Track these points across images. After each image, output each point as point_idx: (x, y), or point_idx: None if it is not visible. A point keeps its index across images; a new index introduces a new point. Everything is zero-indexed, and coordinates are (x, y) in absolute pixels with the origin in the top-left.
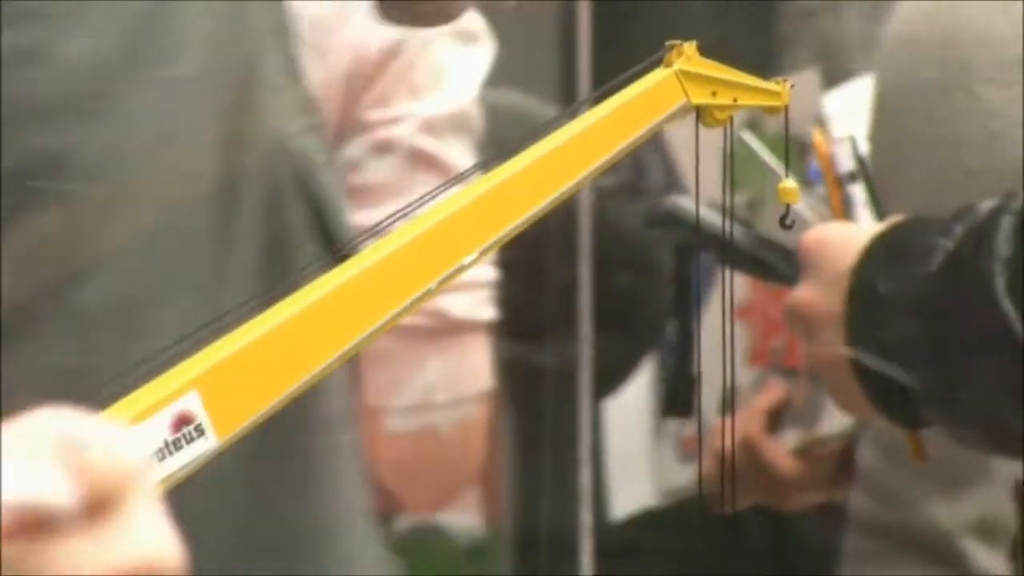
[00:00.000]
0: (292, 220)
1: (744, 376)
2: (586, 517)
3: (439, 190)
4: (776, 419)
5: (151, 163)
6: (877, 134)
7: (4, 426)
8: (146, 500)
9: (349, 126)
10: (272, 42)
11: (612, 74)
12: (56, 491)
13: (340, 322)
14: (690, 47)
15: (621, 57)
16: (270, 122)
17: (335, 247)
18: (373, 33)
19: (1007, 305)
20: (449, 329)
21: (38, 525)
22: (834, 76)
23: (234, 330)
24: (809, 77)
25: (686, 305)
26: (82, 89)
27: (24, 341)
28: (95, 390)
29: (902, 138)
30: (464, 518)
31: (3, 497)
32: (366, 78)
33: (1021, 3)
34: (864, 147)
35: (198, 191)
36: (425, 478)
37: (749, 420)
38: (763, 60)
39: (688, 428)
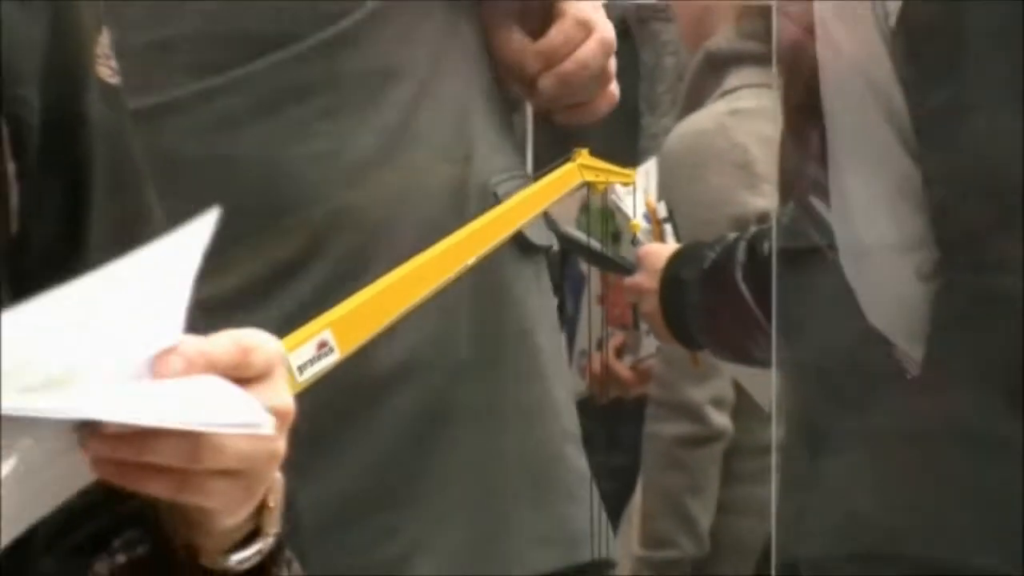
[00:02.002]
0: None
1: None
2: None
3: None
4: (620, 351)
5: (402, 216)
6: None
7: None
8: (284, 374)
9: None
10: (488, 120)
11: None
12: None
13: (398, 293)
14: (584, 152)
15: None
16: (482, 174)
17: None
18: None
19: (743, 287)
20: None
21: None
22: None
23: (343, 301)
24: (649, 166)
25: (564, 291)
26: (358, 170)
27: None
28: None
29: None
30: None
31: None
32: None
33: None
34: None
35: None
36: None
37: (608, 353)
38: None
39: (584, 359)
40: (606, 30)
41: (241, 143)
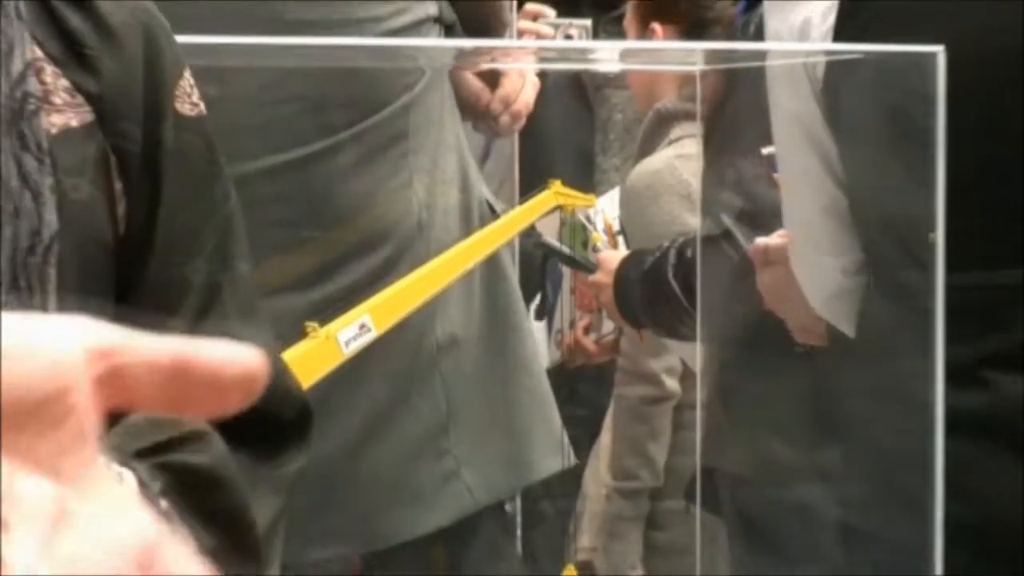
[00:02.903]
0: None
1: (574, 314)
2: None
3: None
4: (587, 329)
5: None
6: (623, 216)
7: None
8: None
9: None
10: (469, 156)
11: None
12: None
13: (418, 288)
14: (557, 182)
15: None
16: (477, 195)
17: None
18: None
19: (674, 284)
20: None
21: None
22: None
23: (378, 293)
24: (612, 194)
25: (546, 284)
26: (419, 195)
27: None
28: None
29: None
30: None
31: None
32: None
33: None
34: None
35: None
36: None
37: (577, 331)
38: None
39: (559, 335)
40: (533, 78)
41: (350, 180)
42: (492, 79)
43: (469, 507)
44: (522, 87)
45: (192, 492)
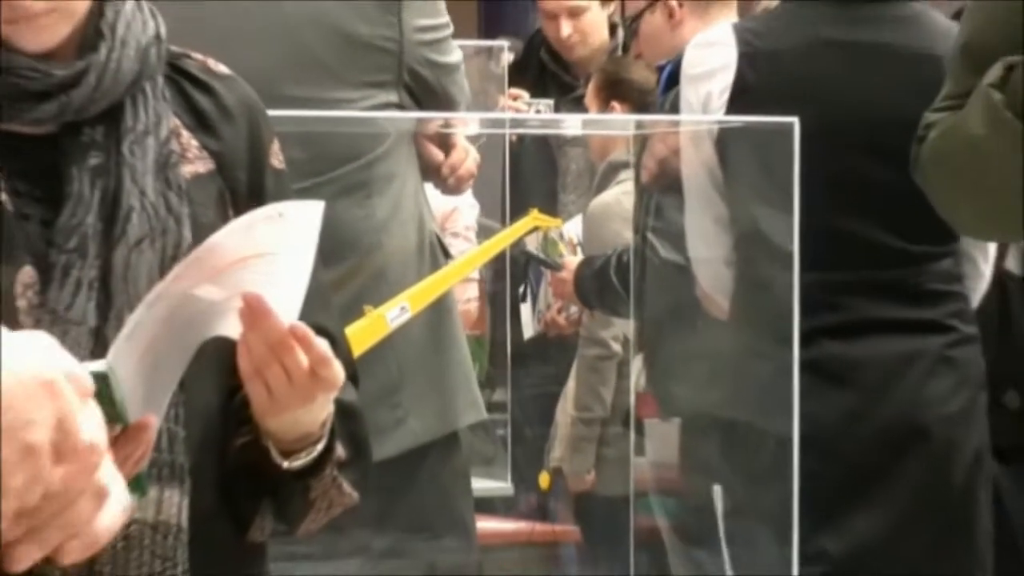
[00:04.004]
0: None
1: (549, 299)
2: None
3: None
4: (560, 310)
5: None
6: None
7: None
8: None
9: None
10: (425, 200)
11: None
12: None
13: (434, 285)
14: (535, 210)
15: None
16: (428, 232)
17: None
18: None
19: (615, 279)
20: None
21: None
22: None
23: (414, 285)
24: (577, 219)
25: (529, 279)
26: (379, 228)
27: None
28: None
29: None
30: None
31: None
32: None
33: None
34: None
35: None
36: None
37: (552, 311)
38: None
39: (540, 315)
40: (475, 153)
41: (333, 210)
42: (445, 148)
43: (411, 443)
44: (466, 158)
45: (342, 418)
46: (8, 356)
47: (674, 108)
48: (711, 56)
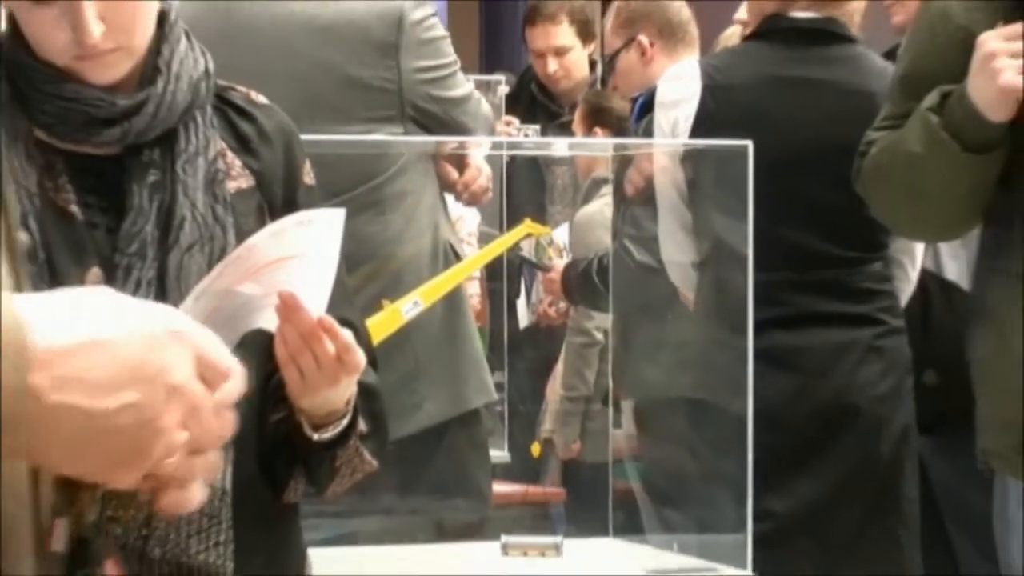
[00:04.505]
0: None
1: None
2: None
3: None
4: (551, 304)
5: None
6: (571, 238)
7: None
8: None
9: None
10: (443, 211)
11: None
12: None
13: (442, 284)
14: (528, 219)
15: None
16: (443, 239)
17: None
18: None
19: (596, 280)
20: None
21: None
22: None
23: (427, 282)
24: (564, 227)
25: (524, 278)
26: (396, 237)
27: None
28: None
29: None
30: None
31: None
32: None
33: None
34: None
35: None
36: None
37: (544, 305)
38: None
39: (534, 307)
40: (488, 169)
41: (354, 223)
42: (460, 166)
43: (427, 423)
44: (479, 176)
45: (363, 397)
46: (137, 316)
47: (647, 132)
48: (679, 87)
